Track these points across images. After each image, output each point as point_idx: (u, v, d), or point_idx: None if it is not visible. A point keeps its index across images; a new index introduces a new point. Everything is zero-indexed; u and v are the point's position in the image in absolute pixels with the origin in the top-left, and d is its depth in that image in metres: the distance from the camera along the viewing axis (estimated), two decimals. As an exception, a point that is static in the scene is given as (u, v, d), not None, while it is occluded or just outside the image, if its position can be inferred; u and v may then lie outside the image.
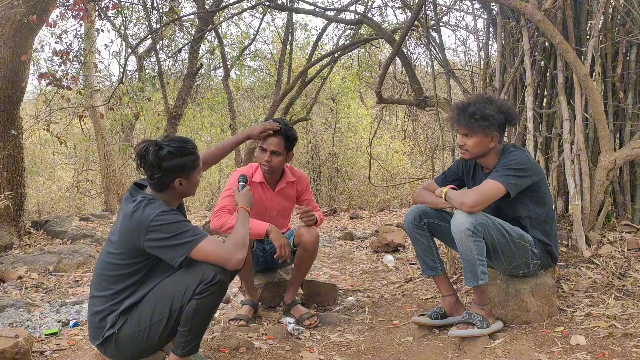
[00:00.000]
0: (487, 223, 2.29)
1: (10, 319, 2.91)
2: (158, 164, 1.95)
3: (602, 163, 3.10)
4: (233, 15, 8.21)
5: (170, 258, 1.90)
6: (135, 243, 1.91)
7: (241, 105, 11.53)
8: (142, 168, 1.99)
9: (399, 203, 11.44)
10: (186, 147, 2.00)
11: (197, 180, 2.08)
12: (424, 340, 2.49)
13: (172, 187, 2.01)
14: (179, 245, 1.89)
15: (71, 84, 5.08)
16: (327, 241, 5.80)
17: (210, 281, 1.89)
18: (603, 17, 3.31)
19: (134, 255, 1.94)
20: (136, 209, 1.92)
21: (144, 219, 1.89)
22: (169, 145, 1.97)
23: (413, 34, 6.28)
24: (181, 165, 1.98)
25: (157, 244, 1.89)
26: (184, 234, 1.90)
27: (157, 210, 1.90)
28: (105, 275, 1.98)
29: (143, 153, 1.96)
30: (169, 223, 1.89)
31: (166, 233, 1.88)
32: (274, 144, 2.78)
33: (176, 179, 2.00)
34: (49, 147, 8.53)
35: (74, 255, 4.43)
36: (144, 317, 1.93)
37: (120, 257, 1.95)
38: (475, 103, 2.42)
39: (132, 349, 1.97)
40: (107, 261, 1.98)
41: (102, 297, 1.97)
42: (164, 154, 1.95)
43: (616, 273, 2.83)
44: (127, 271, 1.96)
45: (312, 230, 2.84)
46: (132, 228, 1.91)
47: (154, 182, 2.00)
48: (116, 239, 1.97)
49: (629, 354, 2.07)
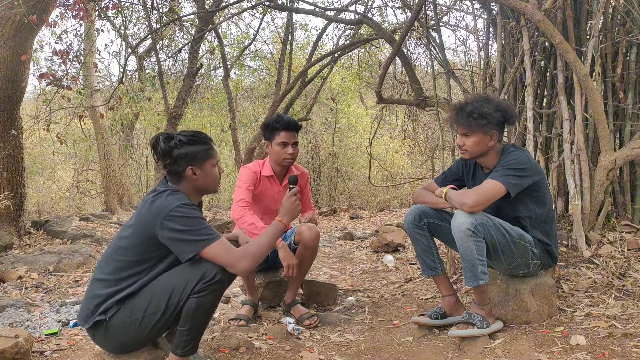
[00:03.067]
0: (487, 223, 2.29)
1: (10, 319, 2.91)
2: (169, 151, 1.99)
3: (602, 163, 3.10)
4: (233, 15, 8.22)
5: (180, 252, 1.90)
6: (151, 230, 1.91)
7: (241, 105, 11.53)
8: (158, 160, 2.05)
9: (399, 203, 11.45)
10: (197, 137, 2.05)
11: (213, 173, 2.09)
12: (424, 340, 2.49)
13: (185, 176, 2.03)
14: (191, 242, 1.89)
15: (71, 84, 5.09)
16: (327, 241, 5.80)
17: (210, 280, 1.89)
18: (603, 17, 3.31)
19: (146, 243, 1.94)
20: (158, 197, 1.95)
21: (164, 207, 1.90)
22: (179, 134, 2.04)
23: (413, 34, 6.27)
24: (192, 154, 2.01)
25: (171, 235, 1.89)
26: (198, 230, 1.90)
27: (178, 202, 1.92)
28: (113, 259, 1.98)
29: (155, 143, 2.02)
30: (187, 217, 1.90)
31: (182, 226, 1.88)
32: (294, 136, 2.90)
33: (188, 167, 2.01)
34: (49, 147, 8.55)
35: (74, 255, 4.43)
36: (137, 308, 1.92)
37: (133, 243, 1.95)
38: (473, 102, 2.42)
39: (121, 339, 1.96)
40: (119, 245, 1.99)
41: (105, 281, 1.97)
42: (174, 143, 2.00)
43: (616, 273, 2.83)
44: (136, 259, 1.95)
45: (313, 228, 2.85)
46: (151, 214, 1.92)
47: (169, 171, 2.04)
48: (132, 223, 1.99)
49: (629, 354, 2.07)
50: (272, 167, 2.97)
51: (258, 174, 2.94)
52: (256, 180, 2.92)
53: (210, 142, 2.10)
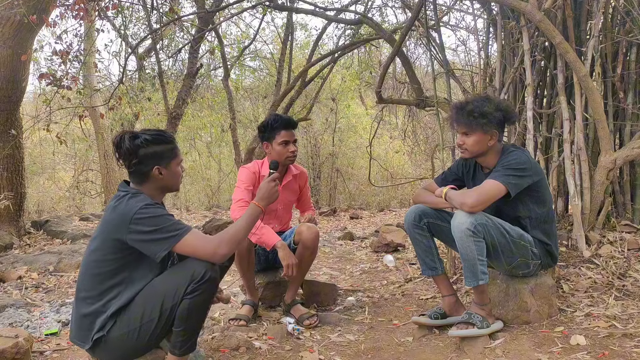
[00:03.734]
0: (487, 223, 2.29)
1: (10, 319, 2.91)
2: (134, 151, 1.95)
3: (602, 163, 3.09)
4: (233, 15, 8.22)
5: (152, 252, 1.88)
6: (118, 236, 1.88)
7: (241, 105, 11.53)
8: (119, 160, 1.99)
9: (399, 203, 11.44)
10: (163, 136, 2.02)
11: (178, 172, 2.06)
12: (424, 340, 2.49)
13: (151, 176, 1.99)
14: (161, 240, 1.86)
15: (71, 84, 5.08)
16: (327, 241, 5.80)
17: (200, 279, 1.87)
18: (603, 17, 3.31)
19: (116, 250, 1.91)
20: (119, 202, 1.91)
21: (127, 212, 1.87)
22: (144, 133, 1.99)
23: (413, 34, 6.28)
24: (159, 153, 1.98)
25: (139, 237, 1.86)
26: (167, 227, 1.87)
27: (140, 204, 1.88)
28: (89, 275, 1.95)
29: (119, 142, 1.97)
30: (152, 216, 1.87)
31: (149, 226, 1.86)
32: (293, 134, 2.92)
33: (154, 166, 1.98)
34: (49, 147, 8.54)
35: (74, 255, 4.42)
36: (134, 318, 1.90)
37: (104, 253, 1.92)
38: (473, 101, 2.43)
39: (122, 351, 1.95)
40: (91, 259, 1.96)
41: (88, 299, 1.94)
42: (139, 142, 1.96)
43: (616, 273, 2.83)
44: (111, 268, 1.92)
45: (313, 227, 2.85)
46: (115, 221, 1.89)
47: (133, 172, 1.99)
48: (98, 234, 1.95)
49: (629, 354, 2.07)
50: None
51: (257, 174, 2.94)
52: (255, 181, 2.92)
53: (174, 141, 2.07)
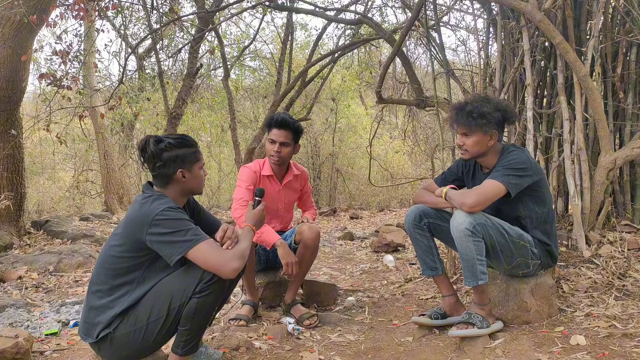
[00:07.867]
0: (486, 223, 2.29)
1: (10, 319, 2.91)
2: (158, 154, 2.01)
3: (602, 163, 3.10)
4: (233, 15, 8.22)
5: (167, 254, 1.91)
6: (139, 236, 1.93)
7: (241, 105, 11.53)
8: (144, 163, 2.06)
9: (399, 203, 11.44)
10: (186, 140, 2.08)
11: (200, 175, 2.12)
12: (424, 340, 2.49)
13: (175, 179, 2.04)
14: (177, 243, 1.89)
15: (71, 84, 5.08)
16: (327, 241, 5.80)
17: (210, 280, 1.90)
18: (603, 17, 3.31)
19: (135, 248, 1.95)
20: (144, 203, 1.97)
21: (150, 212, 1.92)
22: (168, 137, 2.05)
23: (413, 34, 6.28)
24: (181, 156, 2.03)
25: (157, 239, 1.90)
26: (185, 232, 1.91)
27: (163, 206, 1.93)
28: (105, 269, 2.00)
29: (144, 146, 2.03)
30: (173, 219, 1.91)
31: (167, 228, 1.90)
32: (283, 135, 2.89)
33: (178, 169, 2.03)
34: (49, 147, 8.54)
35: (74, 255, 4.43)
36: (141, 316, 1.93)
37: (122, 250, 1.97)
38: (473, 102, 2.43)
39: (128, 349, 1.97)
40: (109, 254, 2.00)
41: (100, 292, 1.98)
42: (163, 145, 2.02)
43: (616, 273, 2.83)
44: (127, 265, 1.97)
45: (313, 227, 2.86)
46: (137, 221, 1.94)
47: (157, 175, 2.04)
48: (120, 231, 2.00)
49: (629, 354, 2.07)
50: (271, 166, 2.98)
51: (258, 174, 2.95)
52: (256, 180, 2.93)
53: (196, 145, 2.13)
